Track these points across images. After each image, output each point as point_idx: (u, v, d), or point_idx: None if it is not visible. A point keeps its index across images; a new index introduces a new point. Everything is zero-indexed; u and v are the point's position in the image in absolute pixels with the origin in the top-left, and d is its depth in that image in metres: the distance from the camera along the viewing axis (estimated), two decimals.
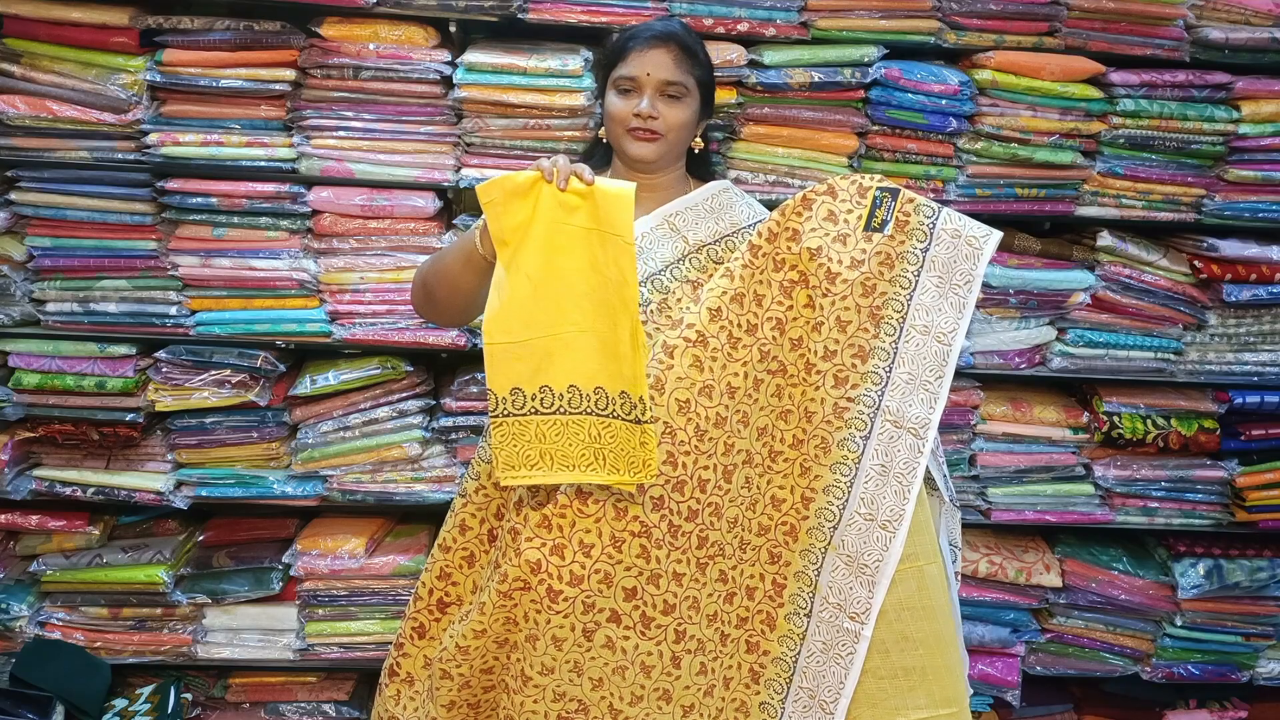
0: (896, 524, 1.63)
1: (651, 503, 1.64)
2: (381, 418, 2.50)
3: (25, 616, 2.53)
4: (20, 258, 2.39)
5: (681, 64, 1.73)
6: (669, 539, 1.66)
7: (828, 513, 1.67)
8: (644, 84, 1.72)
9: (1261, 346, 2.59)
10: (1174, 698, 2.85)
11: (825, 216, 1.69)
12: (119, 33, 2.27)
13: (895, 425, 1.65)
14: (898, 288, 1.67)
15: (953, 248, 1.67)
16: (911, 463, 1.65)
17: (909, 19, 2.38)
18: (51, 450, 2.50)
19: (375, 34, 2.30)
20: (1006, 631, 2.69)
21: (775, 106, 2.39)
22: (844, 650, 1.66)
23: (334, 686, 2.67)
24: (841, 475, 1.66)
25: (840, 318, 1.67)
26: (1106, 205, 2.49)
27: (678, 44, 1.73)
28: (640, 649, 1.68)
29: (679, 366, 1.65)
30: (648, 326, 1.69)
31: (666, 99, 1.73)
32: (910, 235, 1.67)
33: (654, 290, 1.73)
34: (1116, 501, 2.65)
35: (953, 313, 1.66)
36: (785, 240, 1.69)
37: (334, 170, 2.38)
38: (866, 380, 1.66)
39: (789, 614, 1.70)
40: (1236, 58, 2.42)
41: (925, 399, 1.66)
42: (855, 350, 1.67)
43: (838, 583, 1.66)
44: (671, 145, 1.77)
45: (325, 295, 2.45)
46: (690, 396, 1.65)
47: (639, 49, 1.73)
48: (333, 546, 2.54)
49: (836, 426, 1.66)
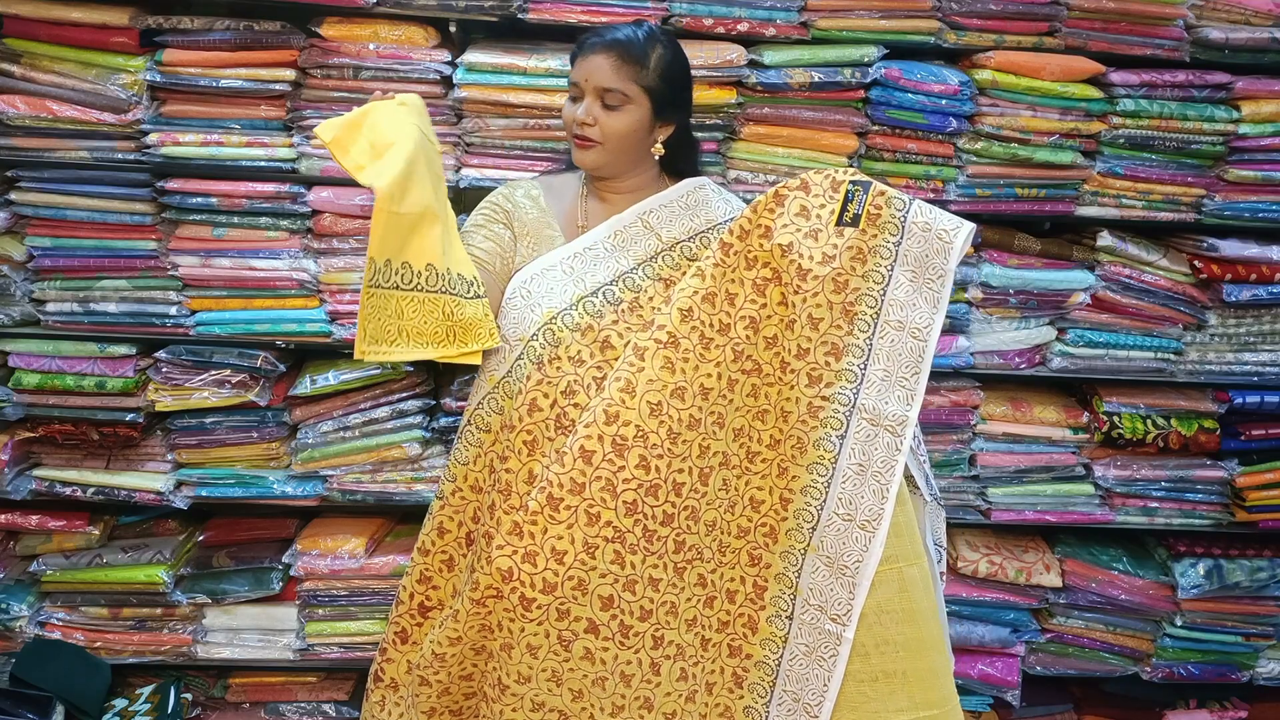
0: (876, 524, 1.61)
1: (625, 508, 1.63)
2: (381, 418, 2.50)
3: (25, 616, 2.53)
4: (20, 258, 2.39)
5: (621, 71, 1.71)
6: (644, 544, 1.65)
7: (806, 514, 1.65)
8: (584, 90, 1.73)
9: (1261, 346, 2.59)
10: (1174, 698, 2.84)
11: (798, 212, 1.67)
12: (119, 33, 2.27)
13: (872, 423, 1.63)
14: (871, 283, 1.65)
15: (924, 241, 1.64)
16: (889, 461, 1.62)
17: (909, 19, 2.38)
18: (51, 450, 2.50)
19: (375, 34, 2.31)
20: (1006, 631, 2.69)
21: (775, 106, 2.39)
22: (827, 653, 1.64)
23: (334, 686, 2.67)
24: (819, 475, 1.64)
25: (812, 315, 1.65)
26: (1106, 205, 2.49)
27: (620, 51, 1.71)
28: (620, 659, 1.66)
29: (650, 369, 1.64)
30: (618, 326, 1.69)
31: (604, 107, 1.73)
32: (882, 229, 1.65)
33: (625, 288, 1.73)
34: (1116, 501, 2.65)
35: (927, 308, 1.65)
36: (757, 237, 1.68)
37: (334, 170, 2.38)
38: (841, 378, 1.63)
39: (770, 617, 1.68)
40: (1236, 58, 2.42)
41: (902, 396, 1.63)
42: (829, 348, 1.64)
43: (818, 584, 1.64)
44: (612, 153, 1.76)
45: (325, 295, 2.45)
46: (662, 399, 1.64)
47: (583, 55, 1.74)
48: (333, 546, 2.54)
49: (812, 426, 1.64)
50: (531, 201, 1.83)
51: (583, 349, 1.69)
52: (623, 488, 1.62)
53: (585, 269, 1.74)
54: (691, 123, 1.91)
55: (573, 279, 1.73)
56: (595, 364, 1.69)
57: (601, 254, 1.76)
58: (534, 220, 1.80)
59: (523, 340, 1.72)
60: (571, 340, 1.69)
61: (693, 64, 2.29)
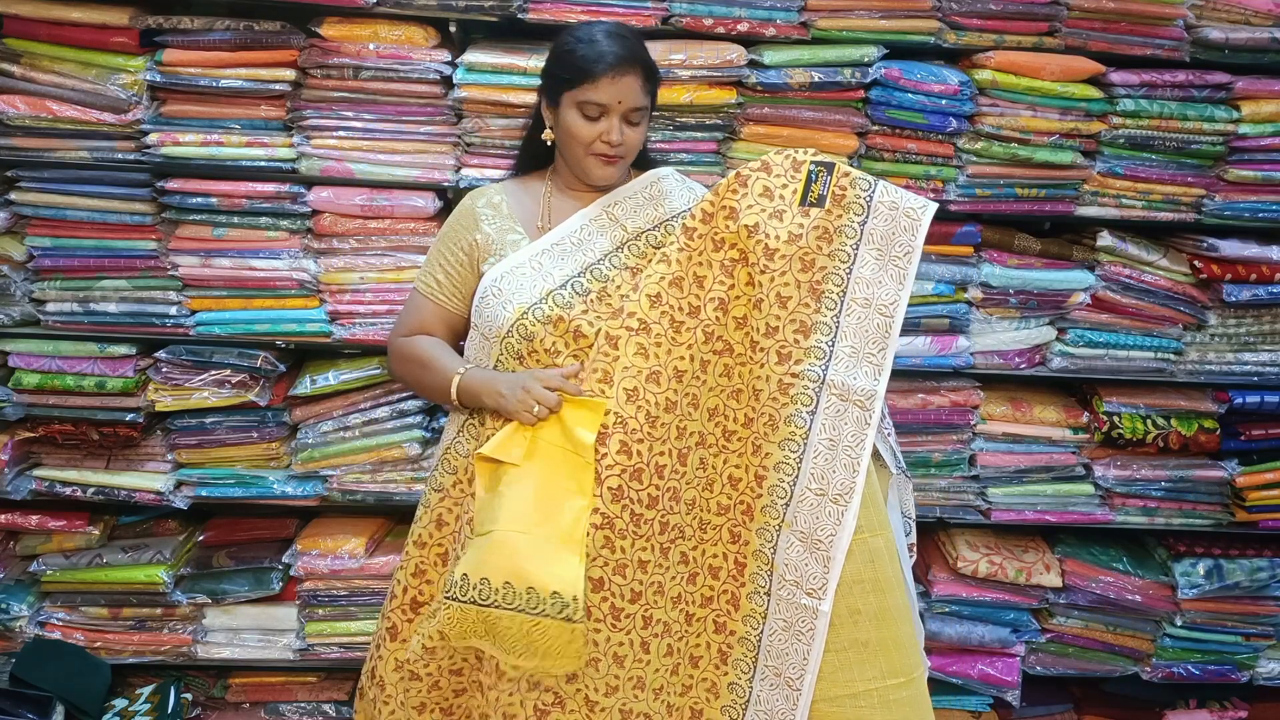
0: (848, 498, 1.64)
1: (611, 494, 1.66)
2: (381, 418, 2.50)
3: (25, 616, 2.53)
4: (20, 258, 2.39)
5: (646, 86, 1.77)
6: (633, 528, 1.68)
7: (780, 490, 1.67)
8: (614, 111, 1.74)
9: (1261, 346, 2.59)
10: (1174, 698, 2.84)
11: (761, 193, 1.70)
12: (119, 33, 2.27)
13: (841, 399, 1.65)
14: (837, 262, 1.67)
15: (891, 220, 1.67)
16: (859, 435, 1.65)
17: (909, 19, 2.38)
18: (51, 450, 2.50)
19: (375, 34, 2.31)
20: (1006, 631, 2.69)
21: (775, 106, 2.39)
22: (804, 627, 1.66)
23: (334, 686, 2.68)
24: (791, 452, 1.66)
25: (780, 293, 1.68)
26: (1106, 205, 2.49)
27: (644, 69, 1.75)
28: (612, 640, 1.70)
29: (624, 356, 1.67)
30: (588, 315, 1.71)
31: (630, 124, 1.77)
32: (847, 209, 1.68)
33: (593, 279, 1.75)
34: (1116, 501, 2.65)
35: (893, 285, 1.67)
36: (723, 219, 1.70)
37: (334, 170, 2.38)
38: (810, 355, 1.66)
39: (750, 593, 1.71)
40: (1236, 58, 2.42)
41: (869, 371, 1.66)
42: (797, 325, 1.67)
43: (793, 560, 1.66)
44: (629, 162, 1.83)
45: (325, 295, 2.45)
46: (638, 384, 1.67)
47: (611, 75, 1.71)
48: (333, 546, 2.55)
49: (783, 403, 1.66)
50: (493, 210, 1.85)
51: (556, 341, 1.72)
52: (607, 474, 1.65)
53: (553, 264, 1.77)
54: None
55: (541, 274, 1.76)
56: (570, 354, 1.72)
57: (568, 248, 1.78)
58: (495, 229, 1.83)
59: (500, 338, 1.76)
60: (544, 334, 1.72)
61: (692, 64, 2.32)
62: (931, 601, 2.66)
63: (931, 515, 2.63)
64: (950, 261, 2.50)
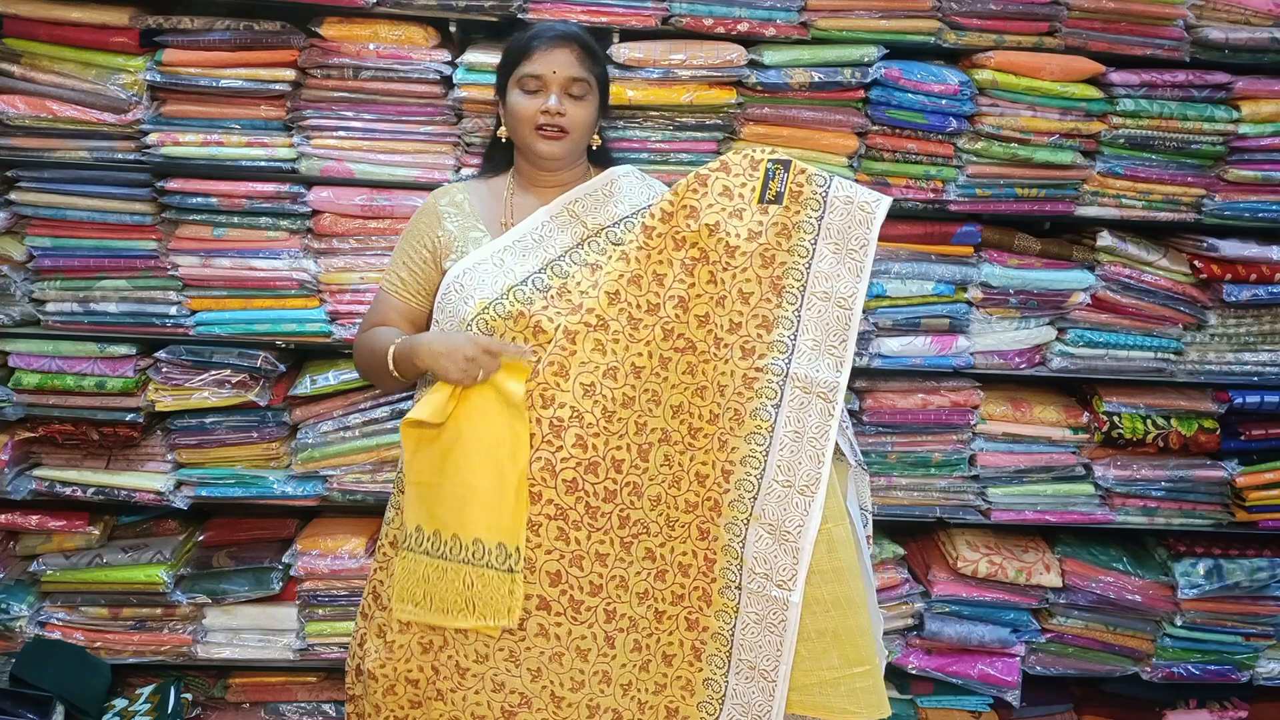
0: (814, 488, 1.66)
1: (565, 485, 1.68)
2: (381, 417, 2.50)
3: (25, 616, 2.53)
4: (20, 258, 2.39)
5: (584, 62, 1.79)
6: (588, 520, 1.69)
7: (747, 484, 1.69)
8: (550, 82, 1.77)
9: (1261, 346, 2.59)
10: (1174, 698, 2.84)
11: (720, 192, 1.72)
12: (119, 33, 2.27)
13: (805, 391, 1.68)
14: (796, 257, 1.70)
15: (846, 214, 1.70)
16: (824, 426, 1.68)
17: (909, 19, 2.38)
18: (51, 450, 2.50)
19: (375, 34, 2.31)
20: (1006, 631, 2.69)
21: (775, 106, 2.39)
22: (776, 619, 1.68)
23: (334, 686, 2.67)
24: (757, 445, 1.68)
25: (742, 290, 1.70)
26: (1106, 205, 2.49)
27: (579, 43, 1.79)
28: (574, 634, 1.71)
29: (581, 351, 1.69)
30: (548, 311, 1.72)
31: (571, 98, 1.79)
32: (805, 205, 1.71)
33: (553, 275, 1.76)
34: (1116, 501, 2.65)
35: (851, 277, 1.70)
36: (684, 218, 1.72)
37: (334, 170, 2.38)
38: (773, 349, 1.69)
39: (721, 589, 1.73)
40: (1236, 58, 2.42)
41: (831, 363, 1.69)
42: (760, 320, 1.70)
43: (763, 552, 1.69)
44: (576, 143, 1.83)
45: (325, 295, 2.45)
46: (595, 380, 1.69)
47: (544, 48, 1.77)
48: (333, 546, 2.55)
49: (748, 397, 1.69)
50: (456, 208, 1.87)
51: (516, 336, 1.72)
52: (561, 467, 1.67)
53: (515, 260, 1.77)
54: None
55: (502, 270, 1.76)
56: (530, 349, 1.73)
57: (530, 245, 1.79)
58: (458, 227, 1.84)
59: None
60: (505, 328, 1.72)
61: (692, 64, 2.32)
62: (931, 601, 2.67)
63: (931, 515, 2.64)
64: (950, 261, 2.50)
